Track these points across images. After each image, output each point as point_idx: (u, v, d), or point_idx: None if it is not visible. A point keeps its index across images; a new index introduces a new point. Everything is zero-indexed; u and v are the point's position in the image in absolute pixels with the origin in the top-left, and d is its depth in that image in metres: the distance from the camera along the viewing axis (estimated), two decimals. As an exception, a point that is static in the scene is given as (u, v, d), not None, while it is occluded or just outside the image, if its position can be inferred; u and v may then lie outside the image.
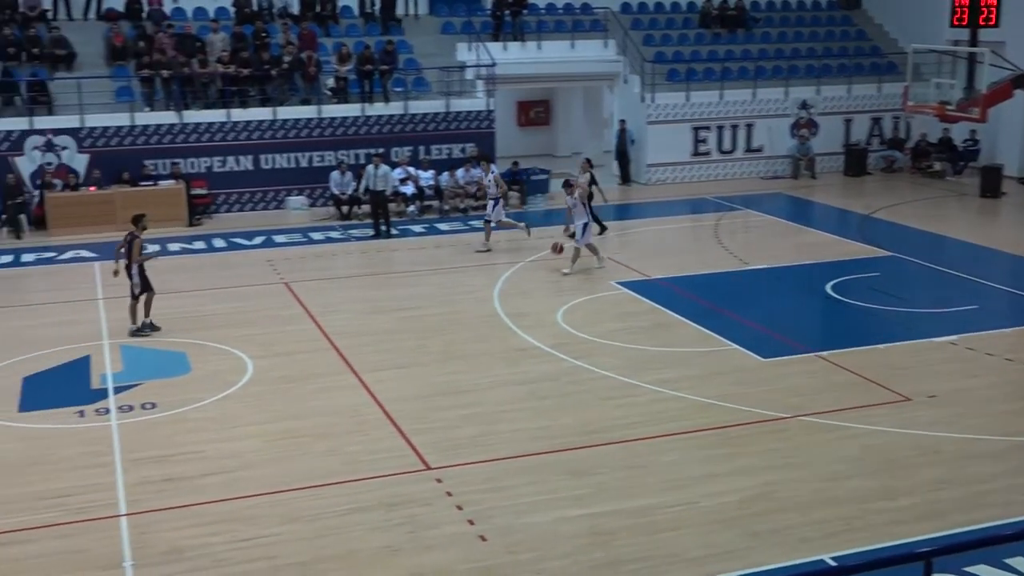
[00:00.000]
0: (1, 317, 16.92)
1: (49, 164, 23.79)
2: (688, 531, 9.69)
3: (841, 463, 11.10)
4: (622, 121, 29.30)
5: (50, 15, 26.67)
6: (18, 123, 23.71)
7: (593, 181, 21.36)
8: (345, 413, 12.67)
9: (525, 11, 29.50)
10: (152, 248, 17.35)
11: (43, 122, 23.89)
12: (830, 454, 11.34)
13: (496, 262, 19.71)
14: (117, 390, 13.49)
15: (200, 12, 28.00)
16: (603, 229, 22.25)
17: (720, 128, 29.42)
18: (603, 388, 13.40)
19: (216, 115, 25.11)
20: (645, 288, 18.06)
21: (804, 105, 29.99)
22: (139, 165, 24.19)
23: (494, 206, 21.40)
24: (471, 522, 9.88)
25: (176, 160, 24.52)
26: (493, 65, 27.23)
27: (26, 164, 23.71)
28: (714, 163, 29.54)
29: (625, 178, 29.24)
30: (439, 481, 10.74)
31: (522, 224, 21.68)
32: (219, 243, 22.32)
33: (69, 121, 23.99)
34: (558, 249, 19.20)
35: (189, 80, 25.21)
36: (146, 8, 27.32)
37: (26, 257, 21.15)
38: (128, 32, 26.24)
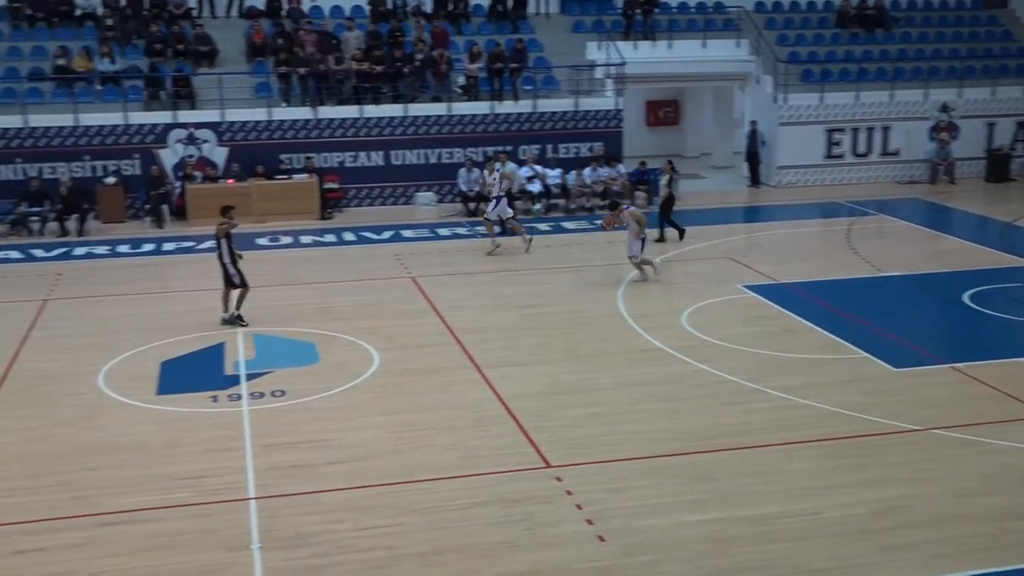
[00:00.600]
0: (142, 303, 17.60)
1: (190, 156, 24.66)
2: (811, 542, 9.49)
3: (975, 479, 10.71)
4: (753, 122, 28.84)
5: (195, 13, 27.65)
6: (162, 117, 24.64)
7: (671, 184, 21.13)
8: (467, 408, 12.80)
9: (656, 10, 29.30)
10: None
11: (186, 116, 24.78)
12: (963, 470, 10.95)
13: (622, 262, 19.61)
14: (249, 377, 13.91)
15: (337, 10, 28.63)
16: (663, 238, 21.58)
17: (855, 130, 28.71)
18: (726, 392, 13.22)
19: (349, 111, 25.65)
20: (773, 292, 17.75)
21: (944, 108, 29.02)
22: (275, 159, 24.88)
23: (495, 205, 21.15)
24: (590, 522, 9.87)
25: (310, 155, 25.14)
26: (623, 64, 27.12)
27: (169, 156, 24.62)
28: (848, 166, 28.84)
29: (755, 180, 28.78)
30: (559, 480, 10.76)
31: (529, 237, 21.15)
32: (349, 236, 22.80)
33: (210, 115, 24.84)
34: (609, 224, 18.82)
35: (324, 77, 25.80)
36: (285, 6, 28.08)
37: (167, 246, 21.97)
38: (268, 30, 27.01)
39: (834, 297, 17.61)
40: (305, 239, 22.44)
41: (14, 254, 21.25)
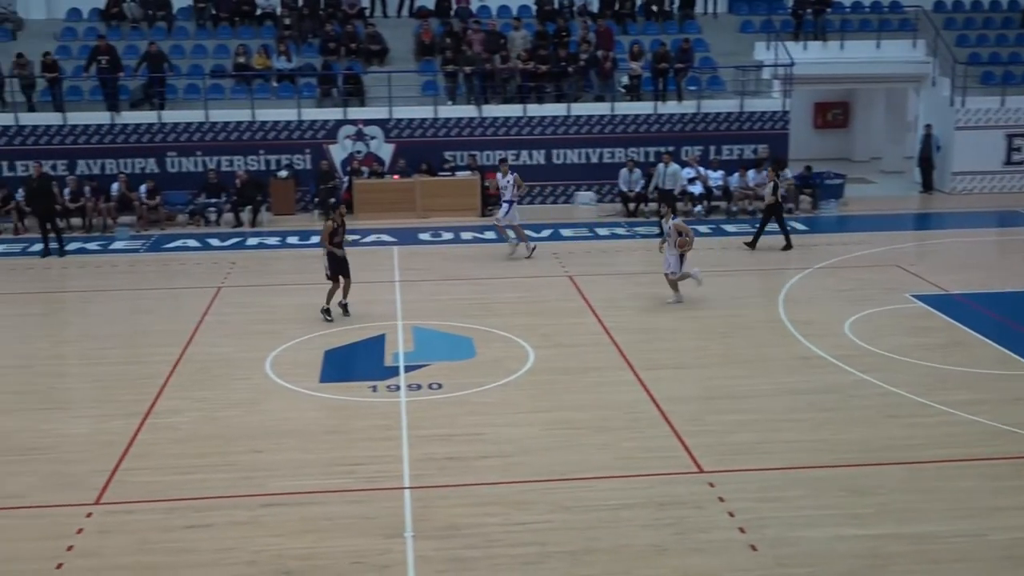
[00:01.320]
0: (308, 293, 18.14)
1: (358, 152, 25.37)
2: (975, 564, 9.11)
3: None
4: (928, 126, 27.78)
5: (367, 12, 28.42)
6: (333, 113, 25.43)
7: (776, 191, 20.44)
8: (621, 408, 12.77)
9: (829, 10, 28.55)
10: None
11: (355, 113, 25.50)
12: None
13: (784, 267, 19.20)
14: (407, 369, 14.22)
15: (504, 10, 28.96)
16: (754, 245, 20.93)
17: (1039, 136, 27.34)
18: (889, 405, 12.79)
19: (513, 110, 25.90)
20: (942, 303, 17.08)
21: None
22: (439, 156, 25.34)
23: (507, 210, 20.66)
24: (742, 530, 9.73)
25: (473, 152, 25.50)
26: (792, 65, 26.53)
27: (338, 152, 25.39)
28: (1029, 174, 27.50)
29: (927, 186, 27.73)
30: (711, 485, 10.63)
31: (532, 244, 20.77)
32: (509, 234, 23.00)
33: (378, 113, 25.49)
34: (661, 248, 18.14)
35: (490, 75, 26.13)
36: (454, 6, 28.56)
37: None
38: (436, 29, 27.52)
39: (1009, 310, 16.82)
40: (466, 235, 22.79)
41: (192, 243, 22.29)
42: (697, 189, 24.80)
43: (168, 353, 14.94)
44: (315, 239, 22.45)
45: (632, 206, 24.70)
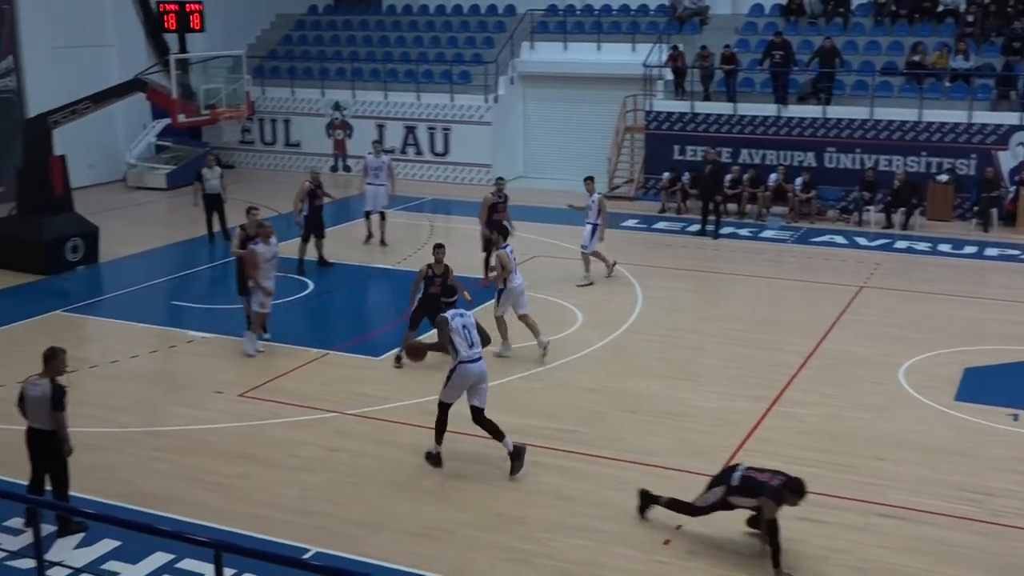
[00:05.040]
0: (954, 304, 17.30)
1: (1033, 160, 23.42)
2: None
3: None
4: None
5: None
6: (1008, 118, 23.67)
7: None
8: None
9: None
10: None
11: (1040, 118, 23.53)
12: None
13: None
14: (1057, 403, 12.94)
15: None
16: None
17: None
18: None
19: None
20: None
21: None
22: None
23: (591, 234, 18.31)
24: None
25: None
26: None
27: (1007, 159, 23.63)
28: None
29: None
30: None
31: (611, 261, 18.56)
32: None
33: (1063, 119, 23.26)
34: None
35: None
36: None
37: (989, 251, 21.21)
38: None
39: None
40: None
41: (839, 239, 22.24)
42: None
43: (802, 344, 15.13)
44: (969, 249, 21.24)
45: None
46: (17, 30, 26.01)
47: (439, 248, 14.16)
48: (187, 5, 27.90)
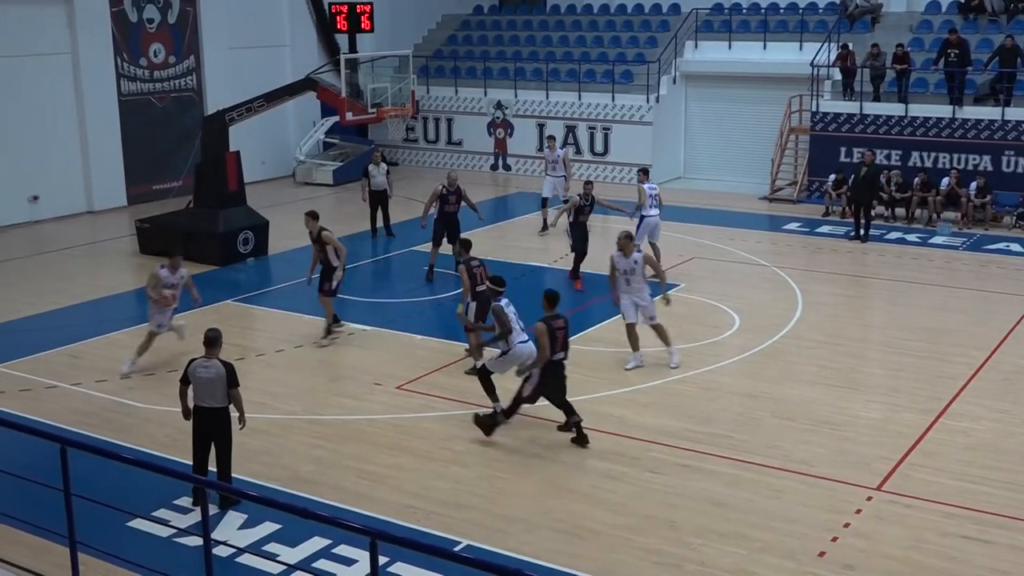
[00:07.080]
0: None
1: None
2: None
3: None
4: None
5: None
6: None
7: None
8: None
9: None
10: None
11: None
12: None
13: None
14: None
15: None
16: None
17: None
18: None
19: None
20: None
21: None
22: None
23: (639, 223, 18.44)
24: None
25: None
26: None
27: None
28: None
29: None
30: None
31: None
32: None
33: None
34: None
35: None
36: None
37: None
38: None
39: None
40: None
41: (1015, 247, 21.18)
42: None
43: (971, 356, 14.50)
44: None
45: None
46: (199, 31, 27.25)
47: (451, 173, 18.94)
48: (357, 6, 28.70)
